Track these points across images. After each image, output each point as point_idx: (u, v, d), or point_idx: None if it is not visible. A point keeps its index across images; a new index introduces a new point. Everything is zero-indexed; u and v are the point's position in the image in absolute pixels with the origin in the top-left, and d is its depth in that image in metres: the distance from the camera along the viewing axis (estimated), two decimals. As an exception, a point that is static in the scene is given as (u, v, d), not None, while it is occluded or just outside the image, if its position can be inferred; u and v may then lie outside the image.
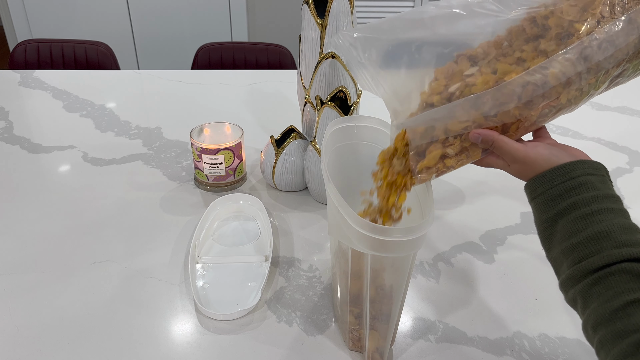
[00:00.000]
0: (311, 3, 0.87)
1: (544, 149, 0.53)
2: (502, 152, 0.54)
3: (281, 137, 1.01)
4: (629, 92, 1.55)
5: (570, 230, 0.48)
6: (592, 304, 0.45)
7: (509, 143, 0.53)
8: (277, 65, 1.88)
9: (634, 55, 0.52)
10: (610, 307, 0.43)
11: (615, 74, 0.53)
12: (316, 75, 0.91)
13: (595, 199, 0.48)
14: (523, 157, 0.53)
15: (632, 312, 0.42)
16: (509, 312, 0.76)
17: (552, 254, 0.51)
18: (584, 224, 0.47)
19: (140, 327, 0.71)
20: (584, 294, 0.46)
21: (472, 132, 0.54)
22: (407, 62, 0.57)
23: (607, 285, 0.44)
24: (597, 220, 0.47)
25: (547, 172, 0.51)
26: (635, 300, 0.42)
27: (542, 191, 0.51)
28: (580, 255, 0.47)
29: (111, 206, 0.97)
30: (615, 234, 0.46)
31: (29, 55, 1.81)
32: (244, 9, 2.99)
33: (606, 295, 0.44)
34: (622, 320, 0.42)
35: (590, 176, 0.49)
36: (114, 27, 2.96)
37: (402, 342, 0.71)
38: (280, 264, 0.84)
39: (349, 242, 0.56)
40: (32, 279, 0.79)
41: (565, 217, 0.49)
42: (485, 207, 1.00)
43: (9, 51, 3.26)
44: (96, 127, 1.26)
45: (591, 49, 0.50)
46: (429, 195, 0.59)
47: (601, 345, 0.43)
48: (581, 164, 0.50)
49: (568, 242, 0.48)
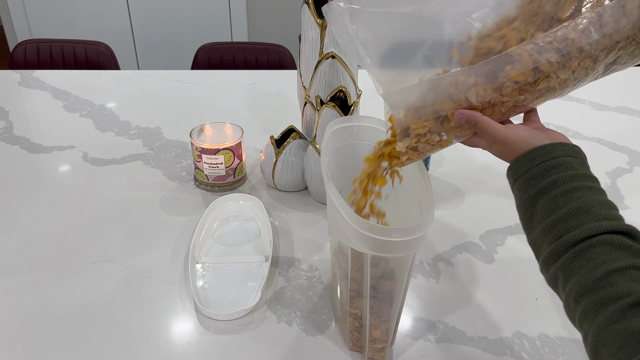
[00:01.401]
0: (311, 3, 0.87)
1: (524, 130, 0.54)
2: (484, 132, 0.55)
3: (281, 137, 1.01)
4: (629, 92, 1.55)
5: (550, 207, 0.49)
6: (574, 276, 0.45)
7: (491, 124, 0.55)
8: (277, 65, 1.88)
9: (628, 42, 0.52)
10: (592, 277, 0.43)
11: (609, 61, 0.53)
12: (316, 75, 0.91)
13: (574, 177, 0.49)
14: (503, 137, 0.54)
15: (614, 281, 0.42)
16: (509, 312, 0.76)
17: (533, 235, 0.51)
18: (563, 201, 0.48)
19: (140, 327, 0.71)
20: (566, 267, 0.46)
21: (457, 112, 0.55)
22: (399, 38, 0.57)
23: (589, 257, 0.45)
24: (577, 196, 0.48)
25: (528, 153, 0.52)
26: (617, 269, 0.42)
27: (524, 171, 0.52)
28: (561, 231, 0.47)
29: (111, 206, 0.97)
30: (595, 208, 0.47)
31: (29, 55, 1.81)
32: (244, 9, 2.99)
33: (588, 267, 0.44)
34: (605, 289, 0.42)
35: (569, 157, 0.51)
36: (114, 27, 2.96)
37: (402, 342, 0.71)
38: (280, 264, 0.84)
39: (349, 242, 0.56)
40: (32, 279, 0.79)
41: (545, 195, 0.50)
42: (485, 207, 1.00)
43: (9, 51, 3.27)
44: (96, 127, 1.26)
45: (573, 34, 0.51)
46: (429, 196, 0.59)
47: (584, 315, 0.43)
48: (561, 145, 0.51)
49: (549, 220, 0.48)
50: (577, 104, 1.46)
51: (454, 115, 0.56)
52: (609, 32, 0.51)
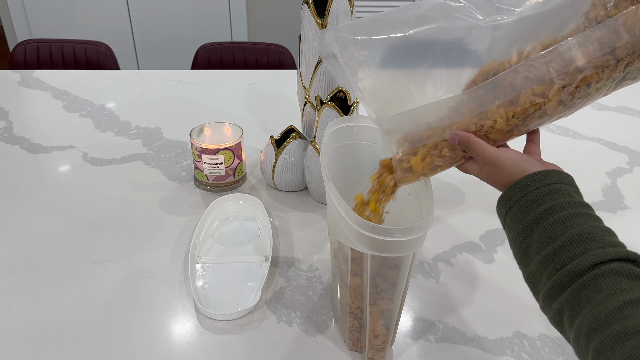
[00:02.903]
0: (311, 3, 0.87)
1: (515, 154, 0.53)
2: (476, 153, 0.54)
3: (281, 137, 1.01)
4: (629, 92, 1.54)
5: (549, 235, 0.46)
6: (584, 309, 0.41)
7: (483, 145, 0.54)
8: (277, 65, 1.88)
9: (635, 58, 0.51)
10: (605, 310, 0.39)
11: (617, 78, 0.53)
12: (316, 75, 0.91)
13: (572, 204, 0.47)
14: (494, 159, 0.53)
15: (630, 314, 0.38)
16: (509, 312, 0.76)
17: (529, 269, 0.48)
18: (563, 228, 0.45)
19: (140, 327, 0.71)
20: (572, 300, 0.42)
21: (451, 133, 0.55)
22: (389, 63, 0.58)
23: (598, 288, 0.41)
24: (577, 223, 0.45)
25: (522, 179, 0.50)
26: (632, 301, 0.39)
27: (518, 198, 0.50)
28: (564, 259, 0.44)
29: (111, 206, 0.97)
30: (598, 235, 0.44)
31: (28, 55, 1.81)
32: (244, 9, 2.99)
33: (599, 298, 0.40)
34: (620, 322, 0.38)
35: (565, 185, 0.49)
36: (114, 27, 2.96)
37: (402, 342, 0.71)
38: (280, 264, 0.84)
39: (349, 242, 0.56)
40: (32, 279, 0.79)
41: (542, 223, 0.47)
42: (485, 207, 1.00)
43: (9, 51, 3.27)
44: (96, 127, 1.26)
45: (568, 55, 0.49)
46: (429, 196, 0.59)
47: (598, 353, 0.39)
48: (556, 173, 0.50)
49: (548, 249, 0.45)
50: (577, 104, 1.46)
51: (448, 137, 0.55)
52: (605, 52, 0.49)
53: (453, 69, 0.57)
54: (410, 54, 0.57)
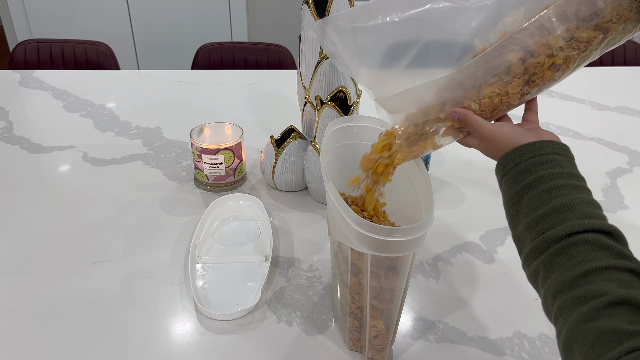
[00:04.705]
0: (311, 3, 0.87)
1: (508, 127, 0.56)
2: (472, 129, 0.58)
3: (281, 137, 1.01)
4: (629, 92, 1.55)
5: (535, 203, 0.49)
6: (554, 272, 0.45)
7: (479, 121, 0.57)
8: (277, 65, 1.88)
9: (615, 22, 0.53)
10: (571, 275, 0.44)
11: (597, 43, 0.55)
12: (316, 75, 0.91)
13: (561, 175, 0.50)
14: (488, 134, 0.56)
15: (592, 280, 0.42)
16: (509, 312, 0.76)
17: (517, 230, 0.51)
18: (548, 197, 0.48)
19: (140, 327, 0.71)
20: (547, 264, 0.46)
21: (451, 111, 0.58)
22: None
23: (570, 255, 0.45)
24: (562, 194, 0.48)
25: (517, 148, 0.53)
26: (596, 269, 0.43)
27: (512, 166, 0.53)
28: (544, 227, 0.47)
29: (111, 206, 0.97)
30: (579, 206, 0.47)
31: (29, 55, 1.81)
32: (244, 9, 2.99)
33: (568, 264, 0.44)
34: (582, 287, 0.42)
35: (558, 155, 0.51)
36: (114, 27, 2.96)
37: (402, 342, 0.71)
38: (280, 264, 0.84)
39: (349, 242, 0.56)
40: (32, 279, 0.79)
41: (531, 191, 0.50)
42: (485, 207, 1.00)
43: (9, 51, 3.27)
44: (96, 127, 1.26)
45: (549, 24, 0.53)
46: (429, 196, 0.59)
47: (560, 311, 0.43)
48: (551, 143, 0.52)
49: (533, 215, 0.49)
50: (577, 104, 1.46)
51: (448, 114, 0.58)
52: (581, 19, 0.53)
53: (446, 48, 0.59)
54: (406, 39, 0.59)
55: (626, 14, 0.52)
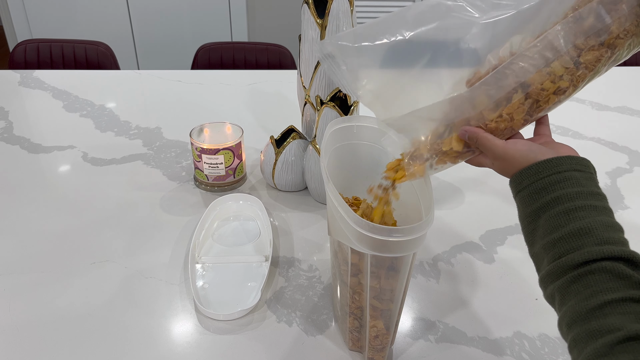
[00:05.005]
0: (311, 3, 0.87)
1: (523, 145, 0.53)
2: (485, 148, 0.55)
3: (281, 137, 1.01)
4: (629, 92, 1.55)
5: (552, 225, 0.47)
6: (570, 301, 0.44)
7: (491, 140, 0.54)
8: (277, 65, 1.88)
9: (623, 37, 0.52)
10: (586, 306, 0.42)
11: (606, 60, 0.54)
12: (316, 75, 0.91)
13: (579, 194, 0.47)
14: (502, 153, 0.53)
15: (608, 313, 0.41)
16: (509, 312, 0.76)
17: (534, 249, 0.50)
18: (566, 219, 0.47)
19: (140, 327, 0.71)
20: (562, 291, 0.45)
21: (461, 129, 0.56)
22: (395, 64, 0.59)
23: (586, 284, 0.43)
24: (580, 216, 0.46)
25: (533, 165, 0.50)
26: (612, 301, 0.41)
27: (528, 184, 0.51)
28: (561, 251, 0.46)
29: (111, 206, 0.97)
30: (597, 230, 0.45)
31: (29, 55, 1.81)
32: (244, 9, 2.99)
33: (584, 294, 0.43)
34: (597, 320, 0.41)
35: (576, 172, 0.49)
36: (114, 27, 2.96)
37: (402, 342, 0.71)
38: (280, 264, 0.84)
39: (349, 242, 0.56)
40: (32, 279, 0.79)
41: (548, 211, 0.48)
42: (485, 207, 1.00)
43: (9, 51, 3.27)
44: (96, 127, 1.26)
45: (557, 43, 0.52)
46: (429, 196, 0.59)
47: (574, 343, 0.42)
48: (569, 159, 0.50)
49: (550, 237, 0.47)
50: (577, 104, 1.46)
51: (458, 132, 0.56)
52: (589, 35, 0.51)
53: (454, 68, 0.58)
54: (411, 55, 0.58)
55: (632, 29, 0.52)
